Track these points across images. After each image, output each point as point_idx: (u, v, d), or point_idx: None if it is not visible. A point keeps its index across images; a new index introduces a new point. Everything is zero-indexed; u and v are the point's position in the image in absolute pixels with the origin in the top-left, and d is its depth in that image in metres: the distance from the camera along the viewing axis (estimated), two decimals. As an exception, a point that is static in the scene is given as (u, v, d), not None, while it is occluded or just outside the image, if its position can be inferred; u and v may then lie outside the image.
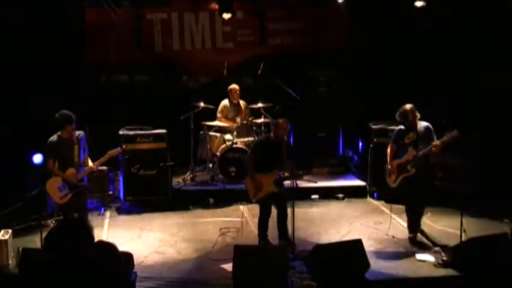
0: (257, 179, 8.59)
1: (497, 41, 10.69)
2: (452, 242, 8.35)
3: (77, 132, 8.61)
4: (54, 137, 8.55)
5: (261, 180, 8.58)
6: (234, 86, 11.67)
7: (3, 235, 8.11)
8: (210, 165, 11.59)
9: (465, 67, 11.16)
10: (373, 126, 11.03)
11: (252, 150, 8.93)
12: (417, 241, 8.89)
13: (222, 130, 11.53)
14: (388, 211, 10.05)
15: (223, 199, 10.85)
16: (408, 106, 8.80)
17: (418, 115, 8.87)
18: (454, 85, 11.28)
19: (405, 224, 9.42)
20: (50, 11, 11.27)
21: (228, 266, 7.60)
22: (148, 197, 10.61)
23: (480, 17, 10.87)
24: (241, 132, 11.51)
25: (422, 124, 8.86)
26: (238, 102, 11.72)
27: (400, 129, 9.00)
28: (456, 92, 11.25)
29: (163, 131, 10.75)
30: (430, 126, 8.85)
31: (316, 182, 10.97)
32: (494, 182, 10.21)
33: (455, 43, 11.31)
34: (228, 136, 11.36)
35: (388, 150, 9.10)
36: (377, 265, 7.74)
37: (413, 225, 9.03)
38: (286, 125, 8.66)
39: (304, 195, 10.79)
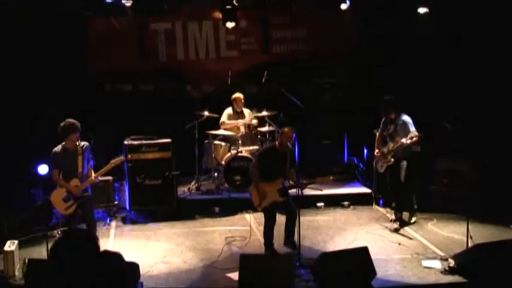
0: (261, 187, 8.58)
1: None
2: (459, 249, 8.32)
3: (82, 143, 8.62)
4: (58, 148, 8.56)
5: (265, 189, 8.57)
6: (238, 94, 11.68)
7: (9, 246, 8.11)
8: (215, 174, 11.58)
9: (469, 72, 11.18)
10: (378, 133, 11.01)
11: (257, 159, 8.92)
12: (401, 220, 9.84)
13: (227, 139, 11.53)
14: (393, 217, 10.08)
15: (229, 208, 10.83)
16: (386, 98, 9.72)
17: (394, 108, 9.62)
18: (460, 89, 11.29)
19: (411, 231, 9.48)
20: (55, 20, 11.33)
21: (234, 275, 7.59)
22: (153, 207, 10.59)
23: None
24: (245, 140, 11.50)
25: (400, 117, 9.60)
26: (242, 111, 11.72)
27: (384, 119, 9.87)
28: (462, 96, 11.25)
29: (168, 140, 10.75)
30: (407, 119, 9.58)
31: (321, 190, 10.96)
32: (500, 188, 10.19)
33: (459, 47, 11.34)
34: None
35: (376, 137, 9.98)
36: (383, 272, 7.71)
37: (398, 207, 9.96)
38: (292, 133, 8.64)
39: (310, 203, 10.79)
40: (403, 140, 9.34)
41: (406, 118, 9.58)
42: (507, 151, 10.54)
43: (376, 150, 9.97)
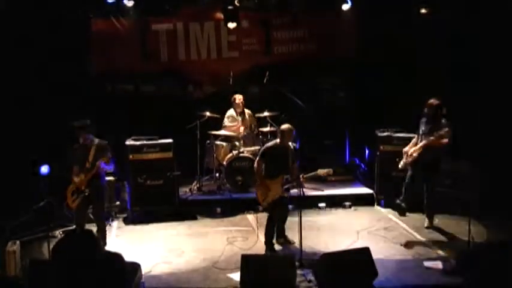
0: (266, 184, 8.60)
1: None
2: (460, 249, 8.33)
3: (97, 140, 8.90)
4: (76, 144, 8.90)
5: (270, 185, 8.60)
6: (237, 95, 11.68)
7: (11, 246, 8.11)
8: (217, 174, 11.59)
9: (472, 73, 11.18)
10: (380, 134, 11.03)
11: (261, 155, 8.90)
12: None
13: (229, 139, 11.53)
14: (395, 218, 10.10)
15: (230, 208, 10.81)
16: (432, 100, 9.43)
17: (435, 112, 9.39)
18: (463, 90, 11.29)
19: (413, 232, 9.53)
20: (57, 21, 11.35)
21: (236, 275, 7.61)
22: (155, 207, 10.59)
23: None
24: (247, 141, 11.51)
25: (441, 120, 9.38)
26: (243, 112, 11.72)
27: (421, 120, 9.60)
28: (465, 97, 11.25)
29: (170, 140, 10.74)
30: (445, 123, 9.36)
31: (322, 190, 10.96)
32: (502, 189, 10.18)
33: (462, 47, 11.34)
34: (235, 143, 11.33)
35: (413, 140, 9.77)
36: (385, 273, 7.71)
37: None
38: (292, 131, 8.65)
39: (312, 203, 10.79)
40: (431, 138, 9.24)
41: (444, 122, 9.38)
42: (510, 152, 10.53)
43: (406, 148, 9.67)
